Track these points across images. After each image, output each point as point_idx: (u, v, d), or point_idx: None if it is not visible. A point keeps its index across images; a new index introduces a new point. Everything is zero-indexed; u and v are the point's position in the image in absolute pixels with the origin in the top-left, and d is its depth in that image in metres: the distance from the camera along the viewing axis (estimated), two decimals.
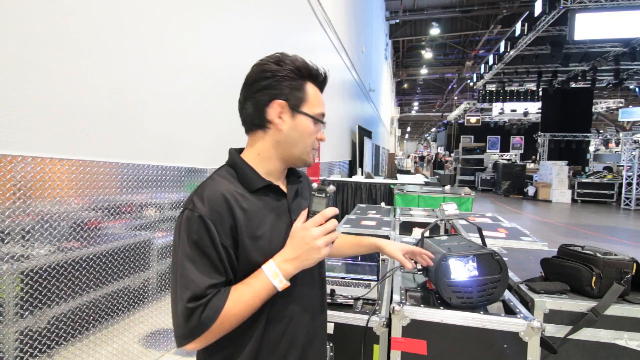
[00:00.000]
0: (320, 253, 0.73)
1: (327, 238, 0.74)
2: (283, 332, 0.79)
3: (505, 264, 1.22)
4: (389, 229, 2.49)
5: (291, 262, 0.73)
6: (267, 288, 0.72)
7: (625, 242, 6.44)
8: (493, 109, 18.55)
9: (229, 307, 0.68)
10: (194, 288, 0.67)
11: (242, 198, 0.75)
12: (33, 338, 1.39)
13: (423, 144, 43.88)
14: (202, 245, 0.69)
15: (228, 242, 0.71)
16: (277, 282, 0.72)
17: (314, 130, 0.83)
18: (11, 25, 1.30)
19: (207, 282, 0.68)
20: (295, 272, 0.74)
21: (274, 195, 0.82)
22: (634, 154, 10.55)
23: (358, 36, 9.53)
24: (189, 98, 2.36)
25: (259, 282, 0.72)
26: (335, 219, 0.76)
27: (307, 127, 0.81)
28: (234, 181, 0.78)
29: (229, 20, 2.88)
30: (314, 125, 0.82)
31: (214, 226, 0.70)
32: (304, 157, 0.84)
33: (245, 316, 0.72)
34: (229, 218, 0.72)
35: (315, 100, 0.82)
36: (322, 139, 0.86)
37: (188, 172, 2.30)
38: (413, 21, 15.84)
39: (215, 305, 0.67)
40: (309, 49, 5.24)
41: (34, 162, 1.37)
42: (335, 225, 0.75)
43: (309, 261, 0.74)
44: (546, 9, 8.44)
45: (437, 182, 7.26)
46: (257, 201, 0.77)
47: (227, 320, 0.69)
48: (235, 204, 0.73)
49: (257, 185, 0.78)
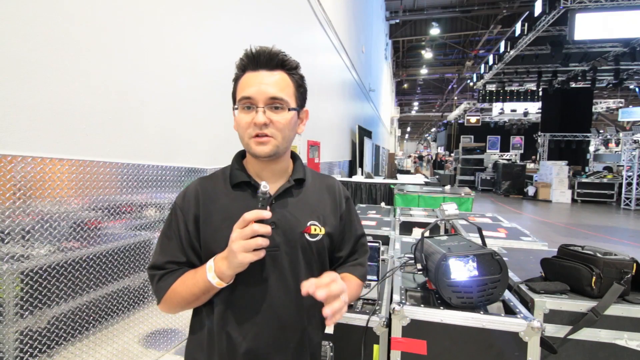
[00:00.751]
0: (236, 257, 0.67)
1: (244, 244, 0.67)
2: (244, 337, 0.78)
3: (505, 264, 1.22)
4: (389, 229, 2.49)
5: (223, 260, 0.71)
6: (203, 279, 0.74)
7: (625, 242, 6.44)
8: (493, 109, 18.55)
9: (176, 285, 0.78)
10: (156, 259, 0.81)
11: (217, 193, 0.83)
12: (33, 338, 1.39)
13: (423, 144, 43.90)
14: (172, 227, 0.82)
15: (191, 227, 0.81)
16: (210, 277, 0.73)
17: (241, 119, 0.77)
18: (11, 25, 1.30)
19: (166, 258, 0.80)
20: (229, 272, 0.71)
21: (252, 192, 0.82)
22: (634, 154, 10.55)
23: (358, 36, 9.53)
24: (188, 98, 2.36)
25: (200, 272, 0.76)
26: (266, 224, 0.68)
27: (238, 118, 0.78)
28: (221, 179, 0.85)
29: (229, 20, 2.88)
30: (244, 113, 0.77)
31: (181, 212, 0.82)
32: (249, 149, 0.80)
33: (187, 299, 0.77)
34: (195, 208, 0.81)
35: (240, 88, 0.78)
36: (257, 123, 0.76)
37: (188, 172, 2.30)
38: (413, 21, 15.84)
39: (167, 279, 0.79)
40: (309, 49, 5.24)
41: (34, 162, 1.37)
42: (253, 232, 0.67)
43: (233, 264, 0.69)
44: (546, 9, 8.44)
45: (437, 182, 7.27)
46: (234, 196, 0.82)
47: (173, 296, 0.78)
48: (205, 198, 0.82)
49: (233, 181, 0.83)
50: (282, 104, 0.77)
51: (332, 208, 0.90)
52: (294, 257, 0.81)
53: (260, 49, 0.78)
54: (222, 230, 0.77)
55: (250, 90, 0.76)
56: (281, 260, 0.80)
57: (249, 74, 0.78)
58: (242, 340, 0.78)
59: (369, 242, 1.80)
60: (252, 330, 0.78)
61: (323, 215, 0.87)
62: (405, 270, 1.61)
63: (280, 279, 0.80)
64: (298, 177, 0.86)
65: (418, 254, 1.39)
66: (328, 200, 0.90)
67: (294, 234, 0.81)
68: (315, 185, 0.90)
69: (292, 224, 0.81)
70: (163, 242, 0.82)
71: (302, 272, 0.82)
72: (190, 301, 0.77)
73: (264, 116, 0.75)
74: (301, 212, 0.83)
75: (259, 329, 0.78)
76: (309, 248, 0.83)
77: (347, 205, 0.94)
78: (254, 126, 0.76)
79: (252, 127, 0.76)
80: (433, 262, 1.25)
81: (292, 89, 0.80)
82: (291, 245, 0.81)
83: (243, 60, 0.79)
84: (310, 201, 0.86)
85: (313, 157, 5.44)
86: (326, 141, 6.21)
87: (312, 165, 5.33)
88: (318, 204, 0.87)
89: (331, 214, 0.89)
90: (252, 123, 0.76)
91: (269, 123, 0.76)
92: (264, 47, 0.78)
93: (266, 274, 0.79)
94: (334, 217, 0.89)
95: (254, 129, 0.76)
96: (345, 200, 0.95)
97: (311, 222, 0.83)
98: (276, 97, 0.76)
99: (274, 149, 0.78)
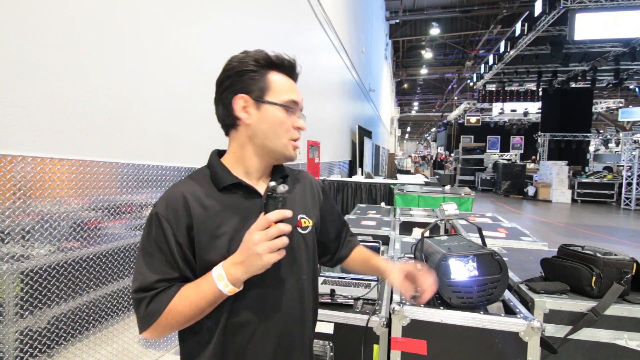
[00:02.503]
0: (262, 260, 0.66)
1: (270, 244, 0.66)
2: (249, 339, 0.76)
3: (505, 264, 1.22)
4: (389, 229, 2.49)
5: (238, 266, 0.68)
6: (212, 290, 0.68)
7: (625, 242, 6.44)
8: (493, 109, 18.54)
9: (174, 304, 0.69)
10: (142, 280, 0.70)
11: (206, 197, 0.75)
12: (33, 338, 1.39)
13: (423, 144, 43.88)
14: (156, 240, 0.72)
15: (183, 239, 0.72)
16: (222, 286, 0.68)
17: (284, 119, 0.78)
18: (11, 25, 1.30)
19: (155, 277, 0.70)
20: (244, 277, 0.68)
21: (245, 194, 0.78)
22: (634, 154, 10.55)
23: (358, 36, 9.53)
24: (189, 98, 2.36)
25: (206, 283, 0.70)
26: (288, 223, 0.69)
27: (274, 116, 0.77)
28: (204, 181, 0.79)
29: (229, 20, 2.88)
30: (284, 113, 0.78)
31: (167, 224, 0.72)
32: (280, 150, 0.79)
33: (191, 315, 0.70)
34: (186, 217, 0.73)
35: (281, 88, 0.78)
36: (301, 128, 0.79)
37: (188, 172, 2.30)
38: (413, 21, 15.84)
39: (161, 300, 0.69)
40: (308, 48, 5.24)
41: (34, 162, 1.37)
42: (280, 231, 0.67)
43: (253, 267, 0.67)
44: (546, 9, 8.44)
45: (437, 182, 7.27)
46: (224, 200, 0.77)
47: (172, 316, 0.69)
48: (196, 203, 0.74)
49: (223, 183, 0.77)
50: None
51: (312, 199, 0.93)
52: (293, 252, 0.82)
53: (294, 60, 0.81)
54: (221, 237, 0.73)
55: (298, 96, 0.79)
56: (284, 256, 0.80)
57: (285, 78, 0.80)
58: (248, 342, 0.77)
59: (369, 242, 1.80)
60: (259, 330, 0.77)
61: (308, 207, 0.89)
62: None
63: (283, 275, 0.80)
64: (284, 175, 0.88)
65: (418, 254, 1.39)
66: (308, 193, 0.93)
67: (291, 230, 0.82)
68: (294, 180, 0.92)
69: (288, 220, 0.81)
70: (146, 260, 0.72)
71: (301, 266, 0.83)
72: (193, 317, 0.71)
73: (305, 124, 0.81)
74: (291, 207, 0.83)
75: (265, 328, 0.78)
76: (302, 241, 0.84)
77: (323, 194, 0.99)
78: (295, 130, 0.79)
79: (292, 130, 0.79)
80: (433, 262, 1.25)
81: None
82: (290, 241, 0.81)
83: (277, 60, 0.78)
84: (295, 196, 0.87)
85: (313, 157, 5.44)
86: (326, 141, 6.21)
87: (312, 165, 5.33)
88: (302, 197, 0.90)
89: (312, 205, 0.92)
90: (296, 127, 0.80)
91: None
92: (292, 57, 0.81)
93: (270, 272, 0.78)
94: (316, 208, 0.93)
95: (294, 133, 0.79)
96: (322, 189, 0.99)
97: (300, 215, 0.85)
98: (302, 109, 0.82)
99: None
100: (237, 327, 0.75)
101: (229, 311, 0.75)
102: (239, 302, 0.75)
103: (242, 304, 0.75)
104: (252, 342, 0.76)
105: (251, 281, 0.73)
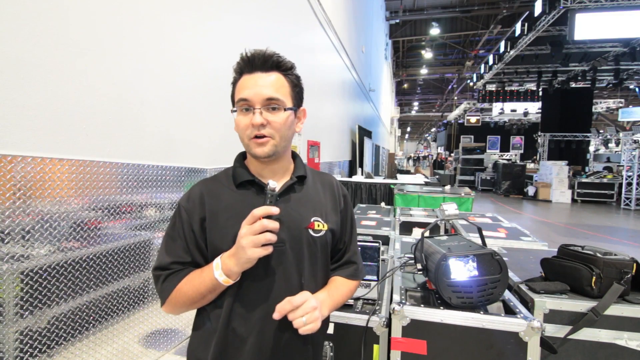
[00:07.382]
0: (246, 253, 0.70)
1: (254, 239, 0.69)
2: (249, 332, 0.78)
3: (505, 264, 1.22)
4: (389, 229, 2.49)
5: (231, 258, 0.73)
6: (210, 277, 0.75)
7: (625, 242, 6.43)
8: (493, 109, 18.53)
9: (182, 284, 0.78)
10: (160, 260, 0.81)
11: (222, 193, 0.83)
12: (33, 338, 1.39)
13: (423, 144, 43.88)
14: (177, 227, 0.82)
15: (197, 228, 0.81)
16: (217, 274, 0.74)
17: (239, 121, 0.79)
18: (11, 25, 1.30)
19: (170, 259, 0.80)
20: (235, 268, 0.72)
21: (257, 191, 0.83)
22: (634, 154, 10.55)
23: (358, 36, 9.53)
24: (188, 98, 2.36)
25: (207, 270, 0.76)
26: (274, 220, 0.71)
27: (236, 121, 0.80)
28: (225, 179, 0.86)
29: (228, 20, 2.88)
30: (241, 115, 0.79)
31: (186, 214, 0.82)
32: (249, 150, 0.82)
33: (194, 298, 0.77)
34: (201, 210, 0.82)
35: (237, 91, 0.80)
36: (255, 124, 0.77)
37: (188, 172, 2.30)
38: (413, 21, 15.84)
39: (172, 279, 0.79)
40: (309, 48, 5.24)
41: (34, 162, 1.37)
42: (263, 227, 0.70)
43: (241, 260, 0.71)
44: (546, 9, 8.44)
45: (437, 182, 7.27)
46: (238, 195, 0.83)
47: (179, 295, 0.78)
48: (211, 199, 0.82)
49: (237, 180, 0.84)
50: (279, 104, 0.79)
51: (333, 205, 0.92)
52: (299, 252, 0.82)
53: (255, 51, 0.79)
54: (228, 229, 0.78)
55: (247, 92, 0.77)
56: (287, 255, 0.81)
57: (245, 77, 0.80)
58: (248, 336, 0.78)
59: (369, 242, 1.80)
60: (258, 325, 0.79)
61: (325, 212, 0.89)
62: (405, 270, 1.61)
63: (286, 274, 0.81)
64: (300, 174, 0.88)
65: (418, 254, 1.39)
66: (329, 198, 0.92)
67: (298, 230, 0.82)
68: (315, 183, 0.92)
69: (296, 220, 0.83)
70: (167, 243, 0.82)
71: (306, 267, 0.83)
72: (196, 300, 0.78)
73: (261, 117, 0.77)
74: (304, 209, 0.85)
75: (265, 324, 0.79)
76: (313, 243, 0.84)
77: (345, 202, 0.96)
78: (252, 127, 0.78)
79: (250, 128, 0.78)
80: (433, 262, 1.25)
81: (287, 89, 0.82)
82: (296, 241, 0.82)
83: (239, 64, 0.81)
84: (312, 198, 0.88)
85: (313, 157, 5.44)
86: (326, 141, 6.21)
87: (312, 165, 5.33)
88: (319, 201, 0.89)
89: (332, 210, 0.91)
90: (250, 124, 0.78)
91: (267, 124, 0.78)
92: (258, 49, 0.80)
93: (272, 270, 0.80)
94: (335, 214, 0.91)
95: (252, 130, 0.78)
96: (344, 197, 0.97)
97: (314, 218, 0.85)
98: (272, 98, 0.78)
99: (272, 149, 0.80)
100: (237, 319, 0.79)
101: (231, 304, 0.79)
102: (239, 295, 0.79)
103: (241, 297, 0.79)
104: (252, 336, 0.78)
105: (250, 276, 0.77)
